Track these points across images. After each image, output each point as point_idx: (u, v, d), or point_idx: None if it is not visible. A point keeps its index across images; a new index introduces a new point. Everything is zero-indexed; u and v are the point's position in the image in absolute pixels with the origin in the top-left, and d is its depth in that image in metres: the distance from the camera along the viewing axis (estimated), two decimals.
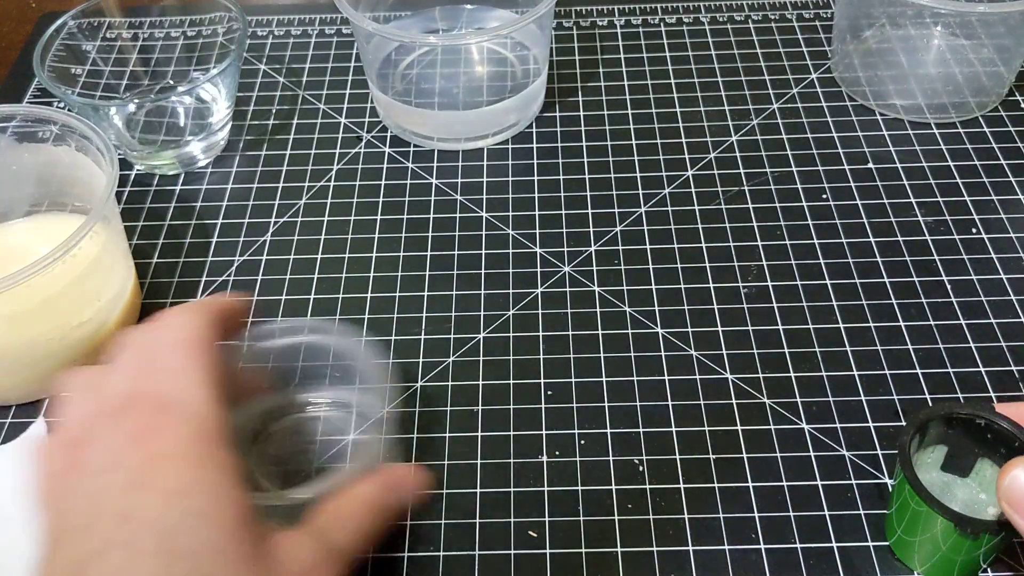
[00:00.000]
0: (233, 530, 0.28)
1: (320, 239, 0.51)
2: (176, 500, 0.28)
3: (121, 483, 0.29)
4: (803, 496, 0.39)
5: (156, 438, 0.29)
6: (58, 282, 0.41)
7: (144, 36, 0.61)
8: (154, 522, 0.27)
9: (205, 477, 0.29)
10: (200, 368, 0.32)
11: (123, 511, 0.28)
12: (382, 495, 0.35)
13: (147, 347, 0.33)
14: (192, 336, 0.33)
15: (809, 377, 0.43)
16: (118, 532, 0.27)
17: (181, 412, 0.30)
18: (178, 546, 0.27)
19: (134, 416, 0.30)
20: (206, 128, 0.55)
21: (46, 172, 0.48)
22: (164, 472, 0.29)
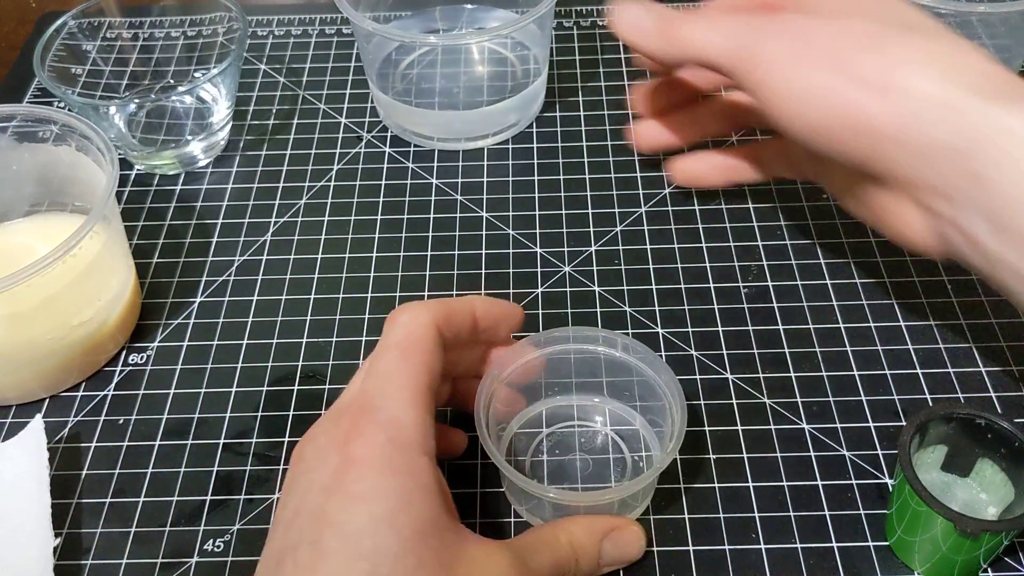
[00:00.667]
0: (413, 537, 0.29)
1: (320, 239, 0.51)
2: (362, 504, 0.29)
3: (321, 483, 0.30)
4: (803, 496, 0.39)
5: (354, 442, 0.31)
6: (58, 282, 0.41)
7: (144, 36, 0.61)
8: (341, 524, 0.29)
9: (391, 483, 0.30)
10: (408, 372, 0.33)
11: (317, 510, 0.30)
12: (595, 541, 0.35)
13: (378, 347, 0.34)
14: (411, 336, 0.34)
15: (809, 377, 0.43)
16: (310, 530, 0.29)
17: (379, 418, 0.31)
18: (360, 549, 0.28)
19: (345, 419, 0.32)
20: (206, 128, 0.55)
21: (46, 172, 0.48)
22: (354, 476, 0.30)
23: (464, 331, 0.37)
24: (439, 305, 0.35)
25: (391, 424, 0.31)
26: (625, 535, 0.36)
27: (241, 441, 0.42)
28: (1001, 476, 0.36)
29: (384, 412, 0.32)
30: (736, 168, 0.48)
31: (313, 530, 0.29)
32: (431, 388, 0.33)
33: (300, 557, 0.29)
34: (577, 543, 0.34)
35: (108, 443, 0.42)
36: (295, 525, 0.30)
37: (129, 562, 0.38)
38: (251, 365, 0.45)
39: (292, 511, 0.31)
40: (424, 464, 0.31)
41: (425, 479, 0.31)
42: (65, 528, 0.39)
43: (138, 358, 0.46)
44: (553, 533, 0.34)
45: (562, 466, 0.40)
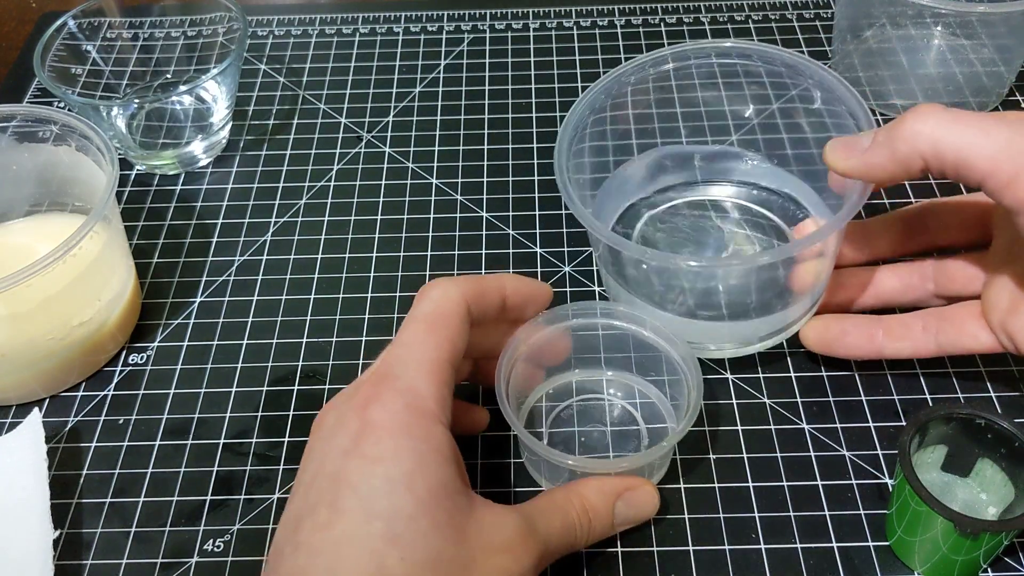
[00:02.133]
0: (427, 498, 0.30)
1: (320, 239, 0.51)
2: (378, 466, 0.30)
3: (341, 446, 0.31)
4: (803, 496, 0.39)
5: (372, 407, 0.32)
6: (58, 282, 0.41)
7: (144, 36, 0.61)
8: (356, 485, 0.30)
9: (407, 446, 0.31)
10: (431, 344, 0.34)
11: (336, 473, 0.30)
12: (607, 501, 0.35)
13: (406, 319, 0.35)
14: (438, 310, 0.35)
15: (809, 377, 0.43)
16: (328, 492, 0.30)
17: (397, 386, 0.32)
18: (375, 509, 0.29)
19: (365, 385, 0.33)
20: (206, 128, 0.55)
21: (46, 172, 0.48)
22: (372, 439, 0.31)
23: (492, 308, 0.37)
24: (470, 282, 0.36)
25: (409, 392, 0.32)
26: (638, 495, 0.36)
27: (241, 441, 0.42)
28: (1001, 476, 0.36)
29: (403, 380, 0.32)
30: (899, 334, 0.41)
31: (331, 491, 0.30)
32: (452, 362, 0.34)
33: (318, 517, 0.30)
34: (589, 504, 0.35)
35: (108, 443, 0.42)
36: (314, 487, 0.31)
37: (129, 562, 0.38)
38: (251, 365, 0.45)
39: (311, 474, 0.31)
40: (439, 432, 0.32)
41: (440, 445, 0.31)
42: (65, 528, 0.39)
43: (138, 358, 0.46)
44: (565, 495, 0.35)
45: (579, 437, 0.41)
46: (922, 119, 0.33)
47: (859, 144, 0.36)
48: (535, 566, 0.32)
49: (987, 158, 0.32)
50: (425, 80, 0.61)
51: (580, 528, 0.34)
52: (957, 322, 0.39)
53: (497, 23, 0.65)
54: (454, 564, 0.30)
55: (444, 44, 0.63)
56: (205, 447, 0.42)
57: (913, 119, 0.33)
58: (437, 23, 0.65)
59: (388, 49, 0.63)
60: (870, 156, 0.35)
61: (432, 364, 0.33)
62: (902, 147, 0.34)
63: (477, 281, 0.36)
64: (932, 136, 0.33)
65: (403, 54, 0.63)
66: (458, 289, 0.35)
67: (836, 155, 0.36)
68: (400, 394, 0.32)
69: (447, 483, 0.31)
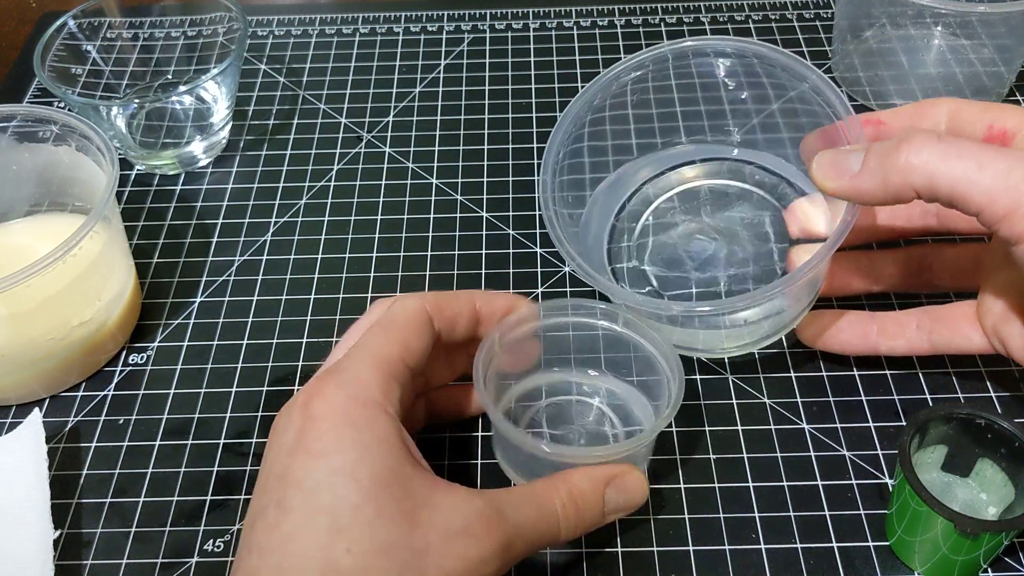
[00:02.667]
0: (371, 486, 0.30)
1: (320, 239, 0.51)
2: (321, 460, 0.30)
3: (286, 445, 0.31)
4: (803, 496, 0.39)
5: (314, 402, 0.32)
6: (58, 282, 0.41)
7: (144, 36, 0.61)
8: (301, 481, 0.30)
9: (349, 437, 0.31)
10: (380, 343, 0.34)
11: (282, 472, 0.31)
12: (597, 488, 0.35)
13: None
14: (392, 315, 0.35)
15: (809, 377, 0.43)
16: (276, 491, 0.30)
17: (340, 379, 0.32)
18: (320, 503, 0.29)
19: (311, 383, 0.33)
20: (206, 128, 0.55)
21: (46, 172, 0.48)
22: (314, 434, 0.31)
23: (462, 322, 0.37)
24: (432, 294, 0.36)
25: (350, 382, 0.32)
26: (628, 480, 0.35)
27: (241, 441, 0.42)
28: (1001, 476, 0.36)
29: (346, 373, 0.33)
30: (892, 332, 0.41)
31: (278, 490, 0.30)
32: (404, 360, 0.34)
33: (268, 517, 0.30)
34: (577, 490, 0.34)
35: (108, 443, 0.42)
36: (266, 489, 0.31)
37: (129, 562, 0.38)
38: (251, 365, 0.45)
39: (264, 476, 0.32)
40: (384, 420, 0.32)
41: (385, 433, 0.31)
42: (65, 528, 0.39)
43: (138, 358, 0.46)
44: (548, 484, 0.34)
45: (556, 438, 0.40)
46: (916, 151, 0.32)
47: (848, 165, 0.34)
48: (499, 552, 0.31)
49: (983, 192, 0.31)
50: (425, 80, 0.61)
51: (566, 516, 0.34)
52: (951, 323, 0.39)
53: (497, 23, 0.65)
54: (406, 550, 0.29)
55: (444, 44, 0.63)
56: (205, 447, 0.42)
57: (908, 151, 0.32)
58: (437, 23, 0.65)
59: (388, 49, 0.63)
60: (860, 183, 0.34)
61: (378, 357, 0.33)
62: (895, 178, 0.33)
63: (440, 293, 0.37)
64: (926, 170, 0.32)
65: (403, 54, 0.63)
66: (417, 299, 0.36)
67: (824, 174, 0.35)
68: (341, 385, 0.32)
69: (394, 469, 0.31)
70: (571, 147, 0.43)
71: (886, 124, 0.38)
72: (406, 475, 0.31)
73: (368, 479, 0.30)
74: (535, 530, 0.33)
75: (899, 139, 0.33)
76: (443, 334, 0.36)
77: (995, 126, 0.35)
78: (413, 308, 0.35)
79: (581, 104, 0.44)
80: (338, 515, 0.29)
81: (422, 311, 0.35)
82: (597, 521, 0.35)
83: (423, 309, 0.35)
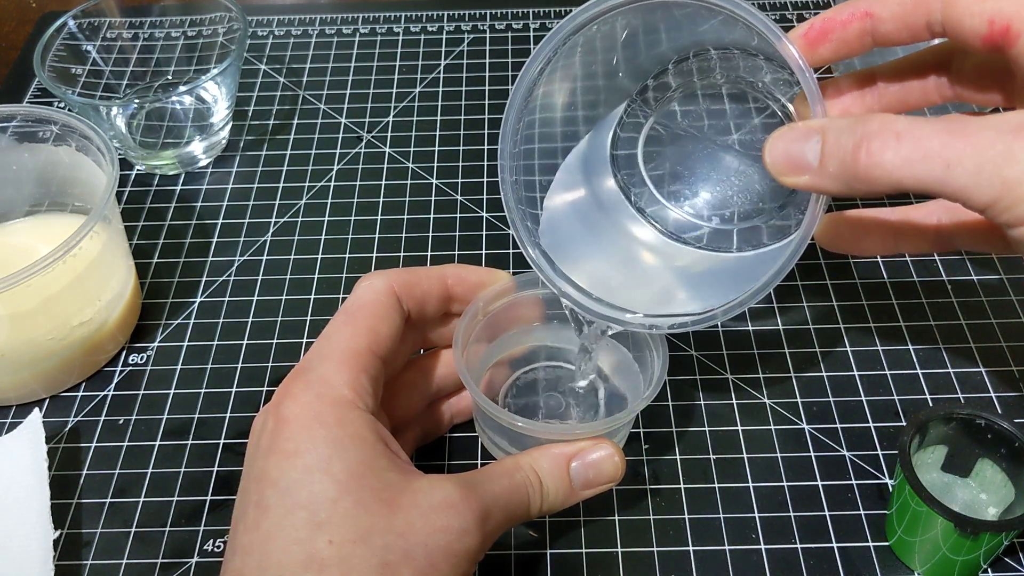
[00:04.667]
0: (347, 479, 0.30)
1: (320, 239, 0.51)
2: (295, 459, 0.30)
3: (262, 447, 0.32)
4: (803, 496, 0.39)
5: (284, 403, 0.32)
6: (58, 282, 0.41)
7: (144, 36, 0.61)
8: (276, 481, 0.30)
9: (321, 435, 0.31)
10: (348, 335, 0.34)
11: (259, 473, 0.31)
12: (561, 464, 0.34)
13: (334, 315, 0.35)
14: (359, 301, 0.35)
15: (809, 377, 0.43)
16: (254, 492, 0.31)
17: (308, 379, 0.32)
18: (296, 500, 0.30)
19: (282, 384, 0.33)
20: (206, 128, 0.55)
21: (46, 172, 0.48)
22: (286, 435, 0.31)
23: (433, 299, 0.37)
24: (400, 272, 0.36)
25: (319, 382, 0.32)
26: (595, 455, 0.35)
27: (241, 441, 0.42)
28: (1001, 476, 0.36)
29: (314, 372, 0.33)
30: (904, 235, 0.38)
31: (256, 491, 0.30)
32: (372, 351, 0.34)
33: (248, 519, 0.30)
34: (540, 467, 0.34)
35: (108, 443, 0.42)
36: (245, 491, 0.31)
37: (129, 562, 0.38)
38: (251, 365, 0.45)
39: (243, 479, 0.32)
40: (356, 416, 0.32)
41: (358, 430, 0.31)
42: (65, 528, 0.39)
43: (138, 358, 0.46)
44: (513, 460, 0.34)
45: (534, 405, 0.40)
46: (876, 158, 0.28)
47: (805, 159, 0.30)
48: (479, 522, 0.31)
49: (957, 191, 0.28)
50: (425, 80, 0.61)
51: (532, 491, 0.34)
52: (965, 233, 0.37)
53: (497, 23, 0.65)
54: (388, 534, 0.30)
55: (444, 44, 0.63)
56: (205, 447, 0.42)
57: (867, 158, 0.29)
58: (437, 23, 0.65)
59: (388, 49, 0.63)
60: (821, 183, 0.30)
61: (346, 353, 0.33)
62: (859, 185, 0.29)
63: (409, 271, 0.36)
64: (891, 179, 0.29)
65: (403, 54, 0.63)
66: (384, 279, 0.35)
67: (778, 168, 0.31)
68: (309, 385, 0.32)
69: (369, 463, 0.31)
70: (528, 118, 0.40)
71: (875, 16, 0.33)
72: (381, 467, 0.31)
73: (343, 473, 0.30)
74: (508, 500, 0.33)
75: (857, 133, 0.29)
76: (412, 314, 0.36)
77: (996, 21, 0.30)
78: (379, 290, 0.35)
79: None
80: (316, 510, 0.29)
81: (389, 293, 0.35)
82: (568, 495, 0.35)
83: (390, 290, 0.35)
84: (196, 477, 0.41)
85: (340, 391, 0.32)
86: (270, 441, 0.31)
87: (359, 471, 0.30)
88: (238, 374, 0.45)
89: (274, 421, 0.32)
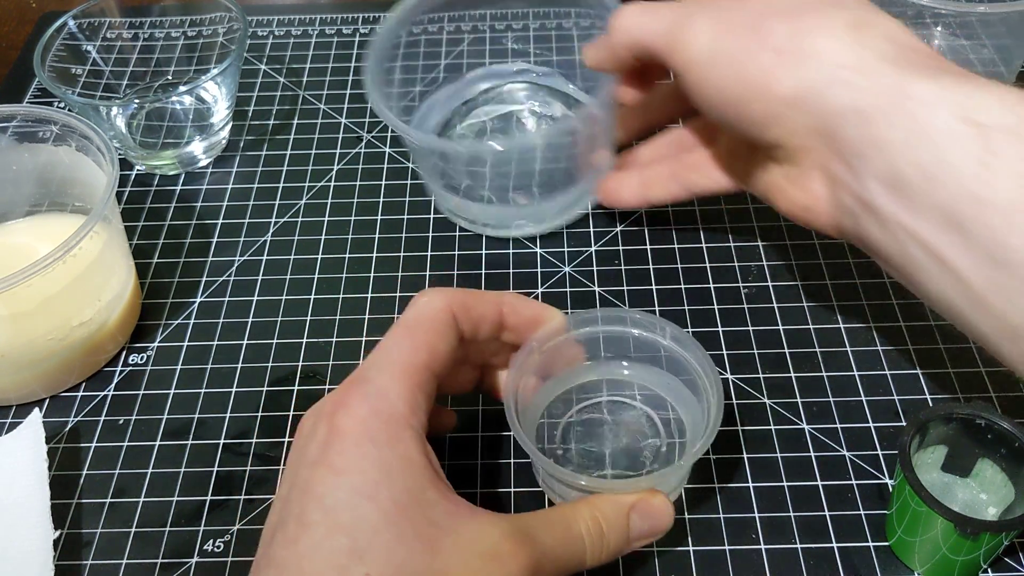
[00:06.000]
0: (393, 510, 0.29)
1: (320, 239, 0.51)
2: (343, 478, 0.30)
3: (311, 457, 0.31)
4: (803, 496, 0.39)
5: (339, 414, 0.31)
6: (58, 282, 0.41)
7: (144, 36, 0.61)
8: (322, 497, 0.29)
9: (373, 455, 0.30)
10: (407, 348, 0.33)
11: (305, 484, 0.30)
12: (622, 513, 0.34)
13: (392, 326, 0.35)
14: (419, 316, 0.34)
15: (809, 377, 0.43)
16: (297, 504, 0.30)
17: (366, 391, 0.32)
18: (339, 522, 0.29)
19: (338, 391, 0.32)
20: (206, 128, 0.55)
21: (46, 172, 0.48)
22: (337, 448, 0.30)
23: (486, 324, 0.36)
24: (460, 292, 0.35)
25: (377, 395, 0.31)
26: (653, 506, 0.34)
27: (241, 441, 0.42)
28: (1001, 476, 0.36)
29: (373, 384, 0.32)
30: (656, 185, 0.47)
31: (299, 503, 0.30)
32: (430, 367, 0.33)
33: (288, 531, 0.29)
34: (603, 515, 0.33)
35: (108, 443, 0.42)
36: (288, 500, 0.30)
37: (129, 562, 0.38)
38: (251, 365, 0.45)
39: (287, 485, 0.31)
40: (408, 437, 0.31)
41: (409, 452, 0.31)
42: (65, 528, 0.39)
43: (138, 358, 0.46)
44: (573, 507, 0.33)
45: (591, 449, 0.40)
46: (621, 16, 0.41)
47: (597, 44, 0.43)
48: (526, 574, 0.30)
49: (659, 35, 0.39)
50: (425, 80, 0.60)
51: (591, 541, 0.33)
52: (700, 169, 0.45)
53: (497, 23, 0.65)
54: (427, 574, 0.29)
55: (444, 44, 0.63)
56: (205, 447, 0.42)
57: (614, 16, 0.41)
58: (437, 23, 0.65)
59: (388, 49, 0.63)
60: (596, 52, 0.44)
61: (405, 367, 0.32)
62: (614, 41, 0.42)
63: (466, 292, 0.36)
64: (627, 29, 0.41)
65: (403, 54, 0.63)
66: (443, 297, 0.35)
67: (586, 55, 0.44)
68: (367, 398, 0.31)
69: (417, 492, 0.30)
70: None
71: None
72: (428, 500, 0.30)
73: (389, 501, 0.29)
74: (562, 552, 0.32)
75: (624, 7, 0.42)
76: (466, 335, 0.35)
77: None
78: (439, 307, 0.34)
79: None
80: (357, 537, 0.28)
81: (448, 310, 0.34)
82: (623, 546, 0.34)
83: (449, 308, 0.34)
84: (196, 477, 0.41)
85: (397, 408, 0.31)
86: (320, 452, 0.30)
87: (405, 502, 0.29)
88: (238, 374, 0.45)
89: (327, 431, 0.31)
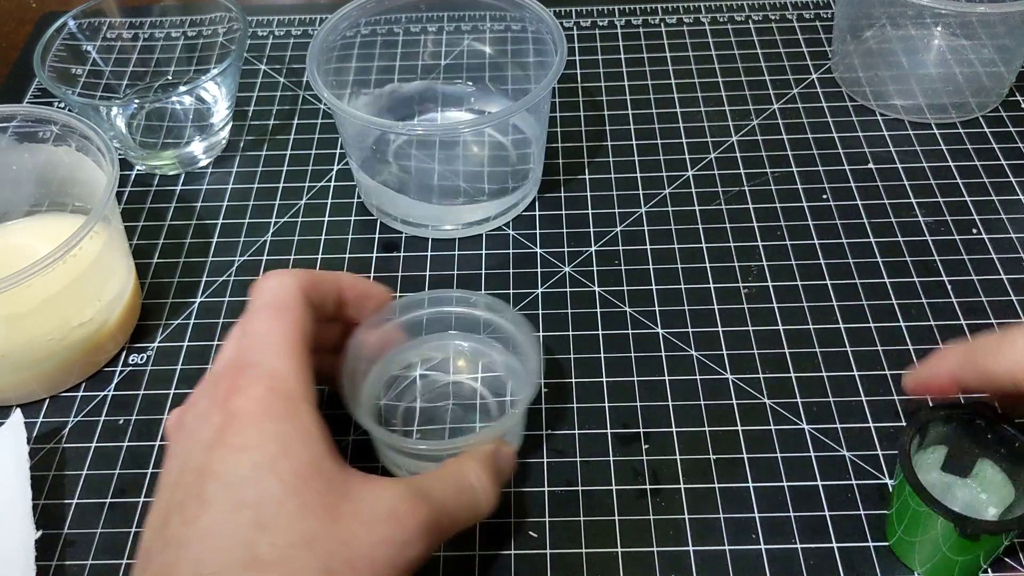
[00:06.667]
0: (293, 480, 0.30)
1: (320, 239, 0.51)
2: (244, 455, 0.30)
3: (205, 441, 0.31)
4: (803, 496, 0.39)
5: (233, 398, 0.31)
6: (58, 282, 0.41)
7: (144, 36, 0.61)
8: (223, 475, 0.30)
9: (271, 431, 0.31)
10: (281, 330, 0.33)
11: (201, 466, 0.30)
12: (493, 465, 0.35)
13: (247, 311, 0.35)
14: (279, 297, 0.35)
15: (809, 377, 0.43)
16: (195, 485, 0.30)
17: (257, 372, 0.32)
18: (243, 497, 0.29)
19: (223, 379, 0.32)
20: (206, 128, 0.55)
21: (46, 172, 0.48)
22: (235, 429, 0.31)
23: (329, 302, 0.37)
24: (304, 272, 0.36)
25: (269, 375, 0.32)
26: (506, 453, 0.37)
27: None
28: (1001, 476, 0.36)
29: (261, 366, 0.32)
30: None
31: (197, 484, 0.30)
32: (306, 344, 0.34)
33: (186, 511, 0.29)
34: (484, 465, 0.35)
35: (108, 443, 0.42)
36: (180, 483, 0.31)
37: (129, 562, 0.38)
38: None
39: (177, 472, 0.31)
40: (304, 411, 0.32)
41: (306, 425, 0.31)
42: (65, 528, 0.39)
43: (138, 358, 0.46)
44: (460, 463, 0.35)
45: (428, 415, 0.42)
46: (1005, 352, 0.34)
47: None
48: (424, 532, 0.31)
49: None
50: (425, 79, 0.60)
51: (483, 488, 0.34)
52: None
53: (496, 24, 0.65)
54: (331, 541, 0.29)
55: (444, 44, 0.63)
56: None
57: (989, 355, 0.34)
58: (437, 23, 0.65)
59: (388, 50, 0.63)
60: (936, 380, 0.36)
61: (287, 346, 0.33)
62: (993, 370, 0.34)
63: (310, 272, 0.36)
64: None
65: (403, 54, 0.63)
66: (294, 278, 0.35)
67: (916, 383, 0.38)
68: (259, 379, 0.32)
69: (315, 463, 0.31)
70: None
71: None
72: (327, 469, 0.31)
73: (290, 473, 0.30)
74: (458, 504, 0.33)
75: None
76: (316, 314, 0.36)
77: None
78: (295, 287, 0.35)
79: None
80: (261, 510, 0.29)
81: (302, 291, 0.35)
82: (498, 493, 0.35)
83: (301, 291, 0.35)
84: None
85: (289, 384, 0.32)
86: (216, 435, 0.31)
87: (305, 472, 0.30)
88: None
89: (222, 416, 0.31)
